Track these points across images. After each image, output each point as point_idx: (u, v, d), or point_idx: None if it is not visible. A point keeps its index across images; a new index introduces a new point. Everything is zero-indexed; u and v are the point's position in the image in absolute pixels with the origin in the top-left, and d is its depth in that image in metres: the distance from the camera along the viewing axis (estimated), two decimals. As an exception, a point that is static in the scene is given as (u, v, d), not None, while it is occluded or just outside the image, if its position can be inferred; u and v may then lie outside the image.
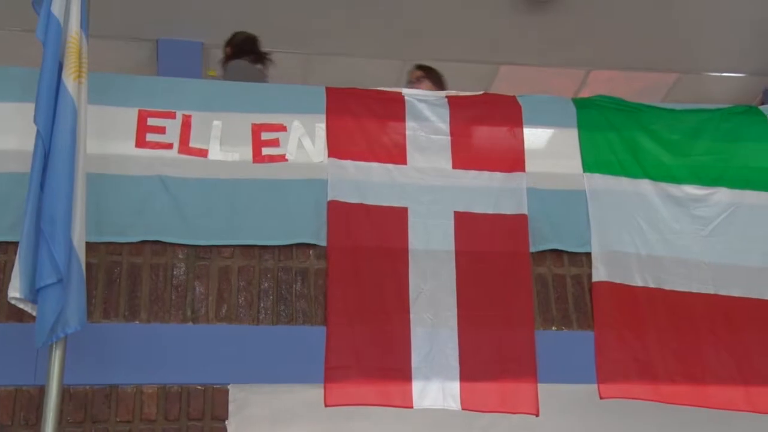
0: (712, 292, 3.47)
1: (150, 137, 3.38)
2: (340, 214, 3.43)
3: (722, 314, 3.44)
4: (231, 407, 3.12)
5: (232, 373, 3.15)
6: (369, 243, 3.42)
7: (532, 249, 3.47)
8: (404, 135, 3.60)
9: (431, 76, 4.45)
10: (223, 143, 3.43)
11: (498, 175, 3.57)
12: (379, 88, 3.72)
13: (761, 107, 3.94)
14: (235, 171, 3.40)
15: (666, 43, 5.43)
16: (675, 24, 5.27)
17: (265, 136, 3.47)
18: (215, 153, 3.42)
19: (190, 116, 3.45)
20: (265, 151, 3.46)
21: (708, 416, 3.34)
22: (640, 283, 3.46)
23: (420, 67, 4.54)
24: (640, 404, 3.30)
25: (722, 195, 3.64)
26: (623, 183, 3.63)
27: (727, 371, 3.32)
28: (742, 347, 3.37)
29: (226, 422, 3.10)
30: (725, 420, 3.37)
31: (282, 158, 3.46)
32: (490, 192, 3.54)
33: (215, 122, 3.45)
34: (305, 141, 3.51)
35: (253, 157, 3.44)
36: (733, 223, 3.59)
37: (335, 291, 3.33)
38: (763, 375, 3.32)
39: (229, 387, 3.14)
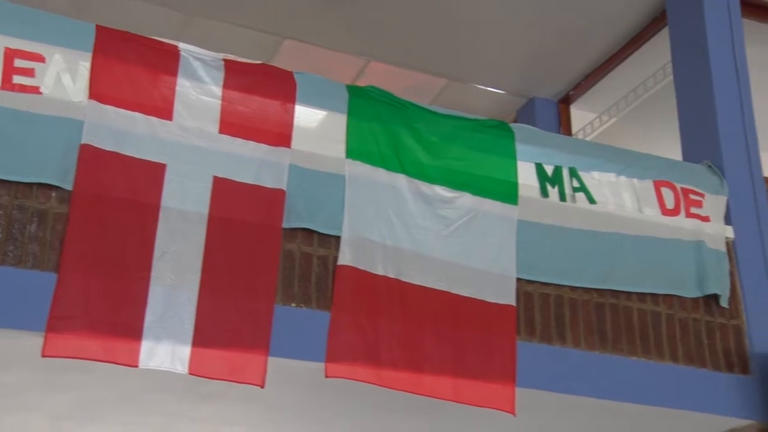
0: (443, 288, 3.52)
1: None
2: (92, 159, 3.11)
3: (449, 310, 3.51)
4: (-68, 349, 2.74)
5: (-61, 312, 2.76)
6: (119, 194, 3.14)
7: (285, 225, 3.35)
8: (174, 90, 3.32)
9: None
10: (-34, 63, 3.00)
11: (263, 147, 3.41)
12: (155, 38, 3.42)
13: (512, 125, 4.07)
14: (-24, 94, 2.98)
15: (441, 48, 5.51)
16: (452, 32, 5.37)
17: (19, 63, 3.05)
18: (-45, 71, 2.98)
19: (-73, 27, 2.97)
20: (17, 79, 3.04)
21: (425, 404, 3.41)
22: (381, 272, 3.44)
23: None
24: (366, 386, 3.29)
25: (466, 200, 3.71)
26: (381, 174, 3.60)
27: (443, 363, 3.40)
28: (460, 342, 3.46)
29: (-76, 365, 2.71)
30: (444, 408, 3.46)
31: (35, 90, 3.07)
32: (252, 162, 3.37)
33: (-41, 38, 3.01)
34: (65, 77, 3.14)
35: (1, 83, 3.02)
36: (470, 227, 3.68)
37: (73, 238, 3.02)
38: (472, 370, 3.42)
39: (-67, 327, 2.75)
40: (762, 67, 4.92)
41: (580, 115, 5.97)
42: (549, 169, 3.93)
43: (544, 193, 3.87)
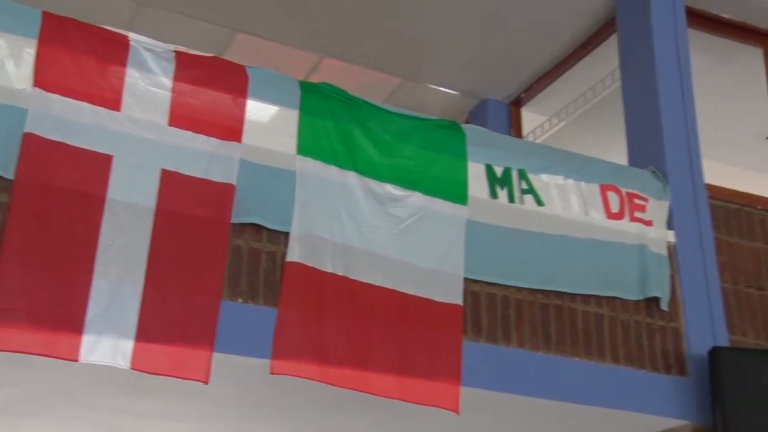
0: (391, 286, 3.52)
1: None
2: (35, 149, 3.04)
3: (396, 308, 3.51)
4: None
5: None
6: (63, 185, 3.07)
7: (234, 220, 3.32)
8: (123, 81, 3.26)
9: None
10: None
11: (213, 140, 3.37)
12: (104, 27, 3.35)
13: (463, 126, 4.09)
14: None
15: (396, 47, 5.51)
16: (407, 31, 5.36)
17: (-40, 48, 2.98)
18: None
19: None
20: (-42, 64, 2.96)
21: (371, 402, 3.40)
22: (329, 270, 3.43)
23: None
24: (312, 384, 3.27)
25: (416, 199, 3.72)
26: (332, 172, 3.58)
27: (390, 361, 3.40)
28: (406, 341, 3.46)
29: None
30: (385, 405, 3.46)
31: (-23, 76, 2.99)
32: (201, 156, 3.33)
33: None
34: (8, 63, 3.05)
35: (-59, 68, 2.93)
36: (420, 226, 3.68)
37: (14, 229, 2.94)
38: (418, 368, 3.43)
39: None
40: (705, 76, 5.03)
41: (530, 118, 6.03)
42: (499, 171, 3.95)
43: (494, 194, 3.89)
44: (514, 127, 5.99)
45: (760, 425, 3.81)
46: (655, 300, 4.06)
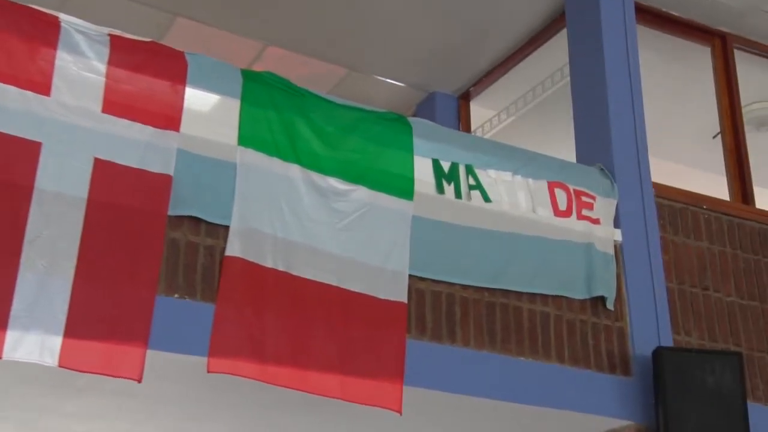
0: (334, 283, 3.49)
1: None
2: (-43, 134, 2.94)
3: (339, 305, 3.49)
4: None
5: None
6: (-13, 173, 2.97)
7: (171, 212, 3.26)
8: (53, 64, 3.17)
9: None
10: None
11: (149, 129, 3.29)
12: (33, 6, 3.25)
13: (410, 119, 4.08)
14: None
15: (343, 37, 5.49)
16: (354, 21, 5.34)
17: None
18: None
19: None
20: None
21: (313, 401, 3.37)
22: (270, 265, 3.39)
23: None
24: (251, 382, 3.23)
25: (361, 193, 3.69)
26: (274, 164, 3.54)
27: (331, 360, 3.38)
28: (349, 339, 3.44)
29: None
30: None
31: None
32: (137, 145, 3.26)
33: None
34: (-74, 43, 2.95)
35: None
36: (364, 221, 3.66)
37: (-67, 219, 2.84)
38: (360, 367, 3.41)
39: None
40: (654, 73, 5.11)
41: (479, 112, 6.06)
42: (446, 166, 3.95)
43: (440, 189, 3.89)
44: (463, 122, 6.01)
45: (702, 426, 3.88)
46: (601, 299, 4.11)
